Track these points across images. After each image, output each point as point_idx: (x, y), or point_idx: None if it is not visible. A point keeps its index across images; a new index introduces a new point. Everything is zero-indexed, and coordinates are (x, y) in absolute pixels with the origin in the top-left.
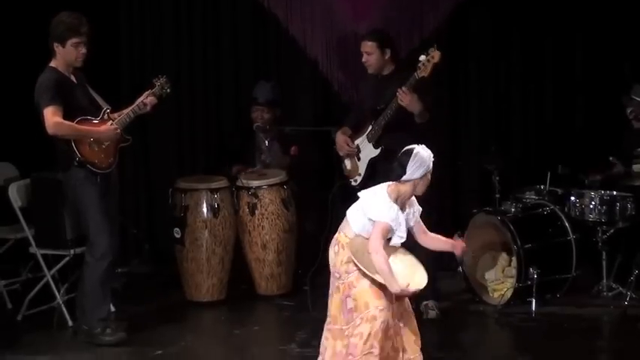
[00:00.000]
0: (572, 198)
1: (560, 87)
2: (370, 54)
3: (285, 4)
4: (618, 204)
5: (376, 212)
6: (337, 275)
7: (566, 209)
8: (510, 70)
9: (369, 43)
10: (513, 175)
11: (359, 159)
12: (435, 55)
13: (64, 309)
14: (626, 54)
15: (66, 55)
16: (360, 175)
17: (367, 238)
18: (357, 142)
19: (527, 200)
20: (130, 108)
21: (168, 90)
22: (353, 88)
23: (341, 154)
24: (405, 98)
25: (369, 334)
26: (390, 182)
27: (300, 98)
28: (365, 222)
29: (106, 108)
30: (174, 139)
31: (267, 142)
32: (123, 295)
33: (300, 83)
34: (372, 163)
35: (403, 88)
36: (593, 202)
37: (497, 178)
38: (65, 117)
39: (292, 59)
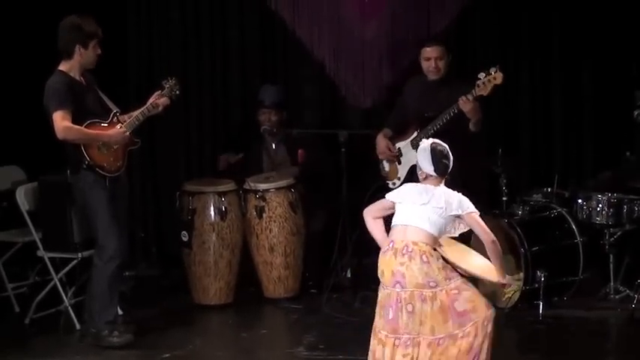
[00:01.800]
0: (580, 200)
1: (568, 89)
2: (441, 59)
3: (291, 6)
4: (625, 206)
5: (466, 205)
6: (432, 284)
7: (573, 212)
8: (518, 71)
9: (440, 48)
10: (521, 177)
11: (399, 162)
12: (498, 76)
13: (71, 312)
14: (635, 56)
15: (86, 57)
16: (399, 179)
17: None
18: (398, 145)
19: (535, 203)
20: (139, 111)
21: (177, 92)
22: (360, 91)
23: (381, 157)
24: (467, 105)
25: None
26: (428, 179)
27: (307, 101)
28: (442, 222)
29: (115, 111)
30: (181, 142)
31: (274, 145)
32: (130, 298)
33: (307, 86)
34: (414, 169)
35: (464, 97)
36: (600, 205)
37: (505, 180)
38: (74, 120)
39: (299, 62)
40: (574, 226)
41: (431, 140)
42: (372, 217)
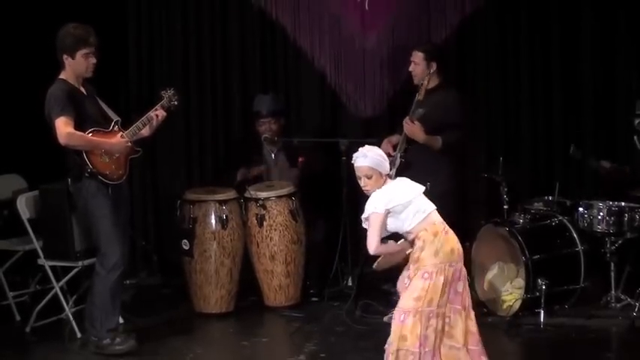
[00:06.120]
0: (581, 209)
1: (569, 98)
2: (417, 64)
3: (293, 16)
4: (626, 215)
5: None
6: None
7: (574, 220)
8: (518, 80)
9: (418, 54)
10: (522, 185)
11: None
12: (425, 81)
13: (72, 321)
14: (635, 64)
15: (76, 66)
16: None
17: None
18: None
19: (536, 211)
20: (140, 120)
21: (175, 102)
22: (361, 100)
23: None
24: (407, 129)
25: None
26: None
27: (308, 109)
28: None
29: (116, 120)
30: (182, 151)
31: (273, 154)
32: (131, 306)
33: (308, 95)
34: (398, 173)
35: (407, 119)
36: (601, 213)
37: (506, 189)
38: (76, 128)
39: (300, 71)
40: (575, 235)
41: (366, 147)
42: (378, 246)
